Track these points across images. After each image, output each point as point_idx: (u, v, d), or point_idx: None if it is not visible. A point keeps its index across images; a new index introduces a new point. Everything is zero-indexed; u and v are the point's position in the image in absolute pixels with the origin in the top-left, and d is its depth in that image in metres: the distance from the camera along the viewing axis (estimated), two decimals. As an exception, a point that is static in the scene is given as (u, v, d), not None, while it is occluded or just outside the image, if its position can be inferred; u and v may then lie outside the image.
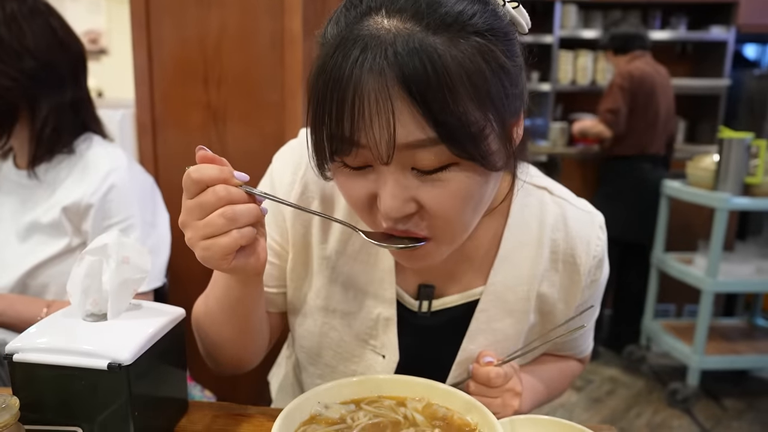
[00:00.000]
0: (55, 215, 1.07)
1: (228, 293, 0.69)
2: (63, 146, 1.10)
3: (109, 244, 0.64)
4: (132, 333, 0.62)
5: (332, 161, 0.58)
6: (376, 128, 0.52)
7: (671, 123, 3.01)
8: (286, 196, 0.75)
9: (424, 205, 0.57)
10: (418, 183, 0.56)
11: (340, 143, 0.55)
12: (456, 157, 0.54)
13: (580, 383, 2.84)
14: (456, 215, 0.59)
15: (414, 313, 0.75)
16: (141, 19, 1.42)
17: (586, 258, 0.76)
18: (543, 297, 0.77)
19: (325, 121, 0.54)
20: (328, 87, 0.53)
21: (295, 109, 1.46)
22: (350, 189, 0.60)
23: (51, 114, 1.07)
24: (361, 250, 0.75)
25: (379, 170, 0.56)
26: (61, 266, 1.09)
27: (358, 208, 0.62)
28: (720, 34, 3.59)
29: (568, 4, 3.67)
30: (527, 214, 0.76)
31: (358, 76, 0.51)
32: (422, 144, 0.53)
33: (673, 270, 2.70)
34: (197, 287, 1.60)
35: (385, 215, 0.57)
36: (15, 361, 0.59)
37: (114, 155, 1.12)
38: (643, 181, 2.93)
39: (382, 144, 0.52)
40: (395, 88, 0.50)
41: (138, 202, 1.10)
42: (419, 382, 0.67)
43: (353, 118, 0.52)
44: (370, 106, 0.51)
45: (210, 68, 1.44)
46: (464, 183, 0.56)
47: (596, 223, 0.78)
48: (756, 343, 2.71)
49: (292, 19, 1.41)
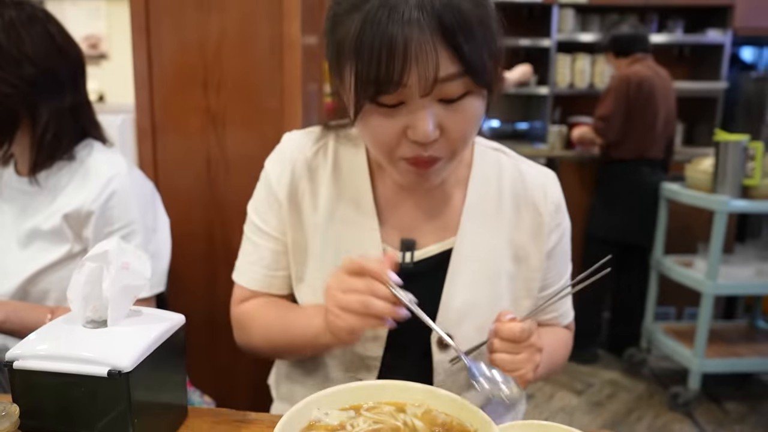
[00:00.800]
0: (56, 222, 1.07)
1: (304, 346, 0.84)
2: (63, 152, 1.10)
3: (109, 250, 0.64)
4: (132, 340, 0.62)
5: (373, 102, 0.69)
6: (421, 69, 0.65)
7: (671, 126, 3.01)
8: (279, 183, 0.87)
9: (447, 129, 0.71)
10: (443, 112, 0.70)
11: (387, 85, 0.66)
12: (473, 85, 0.69)
13: (581, 386, 2.83)
14: (469, 135, 0.74)
15: (399, 264, 0.83)
16: (141, 24, 1.43)
17: (544, 203, 0.87)
18: (514, 242, 0.86)
19: (373, 68, 0.66)
20: (376, 40, 0.65)
21: (294, 114, 1.46)
22: (382, 126, 0.71)
23: (51, 120, 1.07)
24: (347, 213, 0.86)
25: (413, 105, 0.69)
26: (62, 272, 1.09)
27: (385, 144, 0.73)
28: (717, 37, 3.60)
29: (566, 8, 3.68)
30: (487, 169, 0.88)
31: (406, 30, 0.64)
32: (452, 77, 0.67)
33: (673, 273, 2.70)
34: (197, 292, 1.60)
35: (420, 139, 0.70)
36: (15, 369, 0.59)
37: (114, 161, 1.12)
38: (642, 185, 2.93)
39: (426, 80, 0.66)
40: (436, 37, 0.65)
41: (139, 208, 1.10)
42: (419, 388, 0.67)
43: (403, 64, 0.65)
44: (417, 53, 0.64)
45: (210, 73, 1.45)
46: (476, 107, 0.72)
47: (549, 176, 0.90)
48: (757, 345, 2.71)
49: (290, 25, 1.42)
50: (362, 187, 0.86)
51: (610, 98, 2.91)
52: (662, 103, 2.91)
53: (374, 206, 0.85)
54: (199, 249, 1.50)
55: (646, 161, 2.94)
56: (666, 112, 2.95)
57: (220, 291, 1.46)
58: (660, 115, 2.91)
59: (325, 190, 0.87)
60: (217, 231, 1.49)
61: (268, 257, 0.90)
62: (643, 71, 2.90)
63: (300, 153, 0.89)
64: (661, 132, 2.95)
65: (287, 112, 1.46)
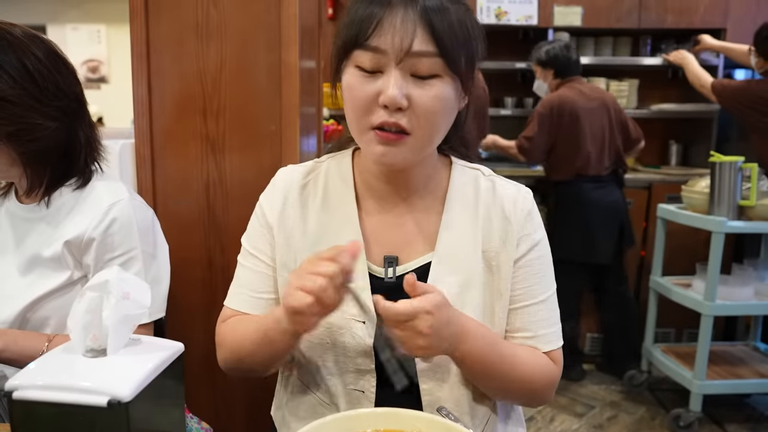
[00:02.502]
0: (57, 249, 1.08)
1: (272, 336, 0.84)
2: (67, 179, 1.12)
3: (110, 280, 0.64)
4: (132, 369, 0.62)
5: (355, 66, 0.80)
6: (397, 37, 0.76)
7: (611, 142, 3.02)
8: (272, 209, 0.94)
9: (414, 102, 0.78)
10: (413, 85, 0.79)
11: (365, 39, 0.77)
12: (445, 69, 0.78)
13: (582, 409, 2.81)
14: (432, 116, 0.80)
15: (382, 279, 0.89)
16: (141, 51, 1.45)
17: (514, 210, 0.91)
18: (487, 252, 0.90)
19: (355, 27, 0.78)
20: (362, 7, 0.78)
21: (292, 140, 1.48)
22: (360, 88, 0.80)
23: (75, 143, 1.11)
24: (335, 237, 0.89)
25: (387, 74, 0.78)
26: (62, 300, 1.09)
27: (359, 108, 0.80)
28: (710, 58, 3.65)
29: (560, 31, 3.73)
30: (464, 186, 0.94)
31: (392, 4, 0.77)
32: (425, 54, 0.77)
33: (672, 294, 2.70)
34: (195, 318, 1.60)
35: (387, 102, 0.77)
36: (14, 399, 0.59)
37: (115, 188, 1.13)
38: (588, 202, 2.97)
39: (400, 50, 0.76)
40: (416, 15, 0.76)
41: (139, 235, 1.11)
42: (417, 415, 0.67)
43: (382, 28, 0.77)
44: (395, 22, 0.76)
45: (209, 100, 1.47)
46: (445, 91, 0.80)
47: (522, 189, 0.95)
48: (758, 366, 2.70)
49: (289, 53, 1.44)
50: (349, 214, 0.91)
51: (535, 120, 3.00)
52: (587, 122, 2.94)
53: (360, 229, 0.90)
54: (198, 275, 1.50)
55: (586, 178, 2.98)
56: (598, 129, 2.97)
57: (219, 317, 1.46)
58: (587, 134, 2.94)
59: (314, 217, 0.92)
60: (216, 257, 1.49)
61: (255, 279, 0.94)
62: (566, 94, 2.98)
63: (292, 184, 0.95)
64: (597, 149, 2.97)
65: (285, 137, 1.48)
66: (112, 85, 6.08)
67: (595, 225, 2.96)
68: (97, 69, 6.04)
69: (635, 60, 3.73)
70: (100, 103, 5.17)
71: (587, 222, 2.97)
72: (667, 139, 4.01)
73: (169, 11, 1.44)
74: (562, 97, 2.97)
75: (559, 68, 3.05)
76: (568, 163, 2.99)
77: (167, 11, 1.44)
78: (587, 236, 2.98)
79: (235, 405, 1.53)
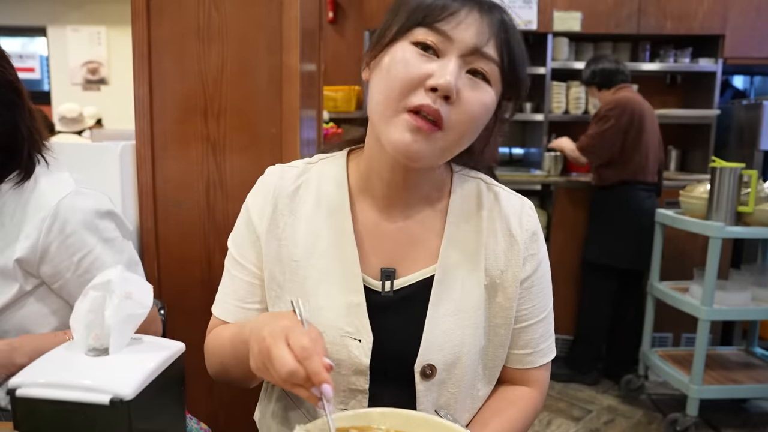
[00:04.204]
0: (8, 264, 1.00)
1: (241, 357, 0.78)
2: (8, 174, 1.04)
3: (112, 280, 0.65)
4: (133, 367, 0.62)
5: (408, 43, 0.76)
6: (472, 34, 0.76)
7: (661, 151, 3.06)
8: (260, 217, 0.88)
9: (460, 97, 0.75)
10: (465, 80, 0.76)
11: (431, 30, 0.75)
12: (498, 77, 0.79)
13: (579, 413, 2.82)
14: (471, 118, 0.77)
15: (378, 293, 0.84)
16: (142, 53, 1.46)
17: (520, 230, 0.88)
18: (490, 271, 0.86)
19: (430, 14, 0.76)
20: None
21: (293, 140, 1.48)
22: (415, 63, 0.75)
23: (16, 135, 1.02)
24: (327, 247, 0.85)
25: (448, 59, 0.75)
26: (19, 313, 1.02)
27: (407, 83, 0.75)
28: (708, 65, 3.67)
29: (560, 37, 3.75)
30: (466, 197, 0.90)
31: (474, 4, 0.77)
32: (489, 58, 0.77)
33: (669, 298, 2.71)
34: (194, 318, 1.60)
35: (440, 85, 0.73)
36: (17, 397, 0.60)
37: (59, 182, 1.05)
38: (638, 209, 2.95)
39: (470, 45, 0.75)
40: (494, 27, 0.77)
41: (95, 229, 1.04)
42: (416, 416, 0.68)
43: (460, 18, 0.76)
44: (475, 22, 0.76)
45: (210, 101, 1.47)
46: (488, 98, 0.78)
47: (526, 204, 0.91)
48: (754, 372, 2.71)
49: (289, 55, 1.45)
50: (343, 221, 0.86)
51: (601, 120, 2.97)
52: (651, 127, 2.97)
53: (354, 238, 0.84)
54: (198, 275, 1.50)
55: (640, 184, 2.97)
56: (655, 136, 3.00)
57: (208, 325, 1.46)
58: (651, 138, 2.96)
59: (305, 225, 0.86)
60: (216, 257, 1.50)
61: (242, 289, 0.90)
62: (632, 96, 2.98)
63: (282, 188, 0.88)
64: (654, 155, 2.99)
65: (286, 139, 1.48)
66: (112, 86, 6.09)
67: (639, 233, 2.94)
68: (97, 71, 6.05)
69: (634, 65, 3.75)
70: (99, 105, 5.18)
71: (631, 229, 2.95)
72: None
73: (170, 13, 1.45)
74: (628, 98, 2.95)
75: (604, 80, 3.06)
76: (627, 164, 2.95)
77: (169, 13, 1.45)
78: (628, 243, 2.96)
79: (234, 406, 1.53)
